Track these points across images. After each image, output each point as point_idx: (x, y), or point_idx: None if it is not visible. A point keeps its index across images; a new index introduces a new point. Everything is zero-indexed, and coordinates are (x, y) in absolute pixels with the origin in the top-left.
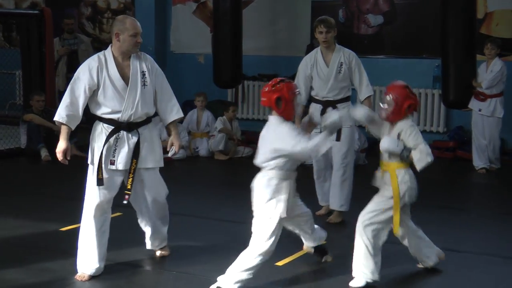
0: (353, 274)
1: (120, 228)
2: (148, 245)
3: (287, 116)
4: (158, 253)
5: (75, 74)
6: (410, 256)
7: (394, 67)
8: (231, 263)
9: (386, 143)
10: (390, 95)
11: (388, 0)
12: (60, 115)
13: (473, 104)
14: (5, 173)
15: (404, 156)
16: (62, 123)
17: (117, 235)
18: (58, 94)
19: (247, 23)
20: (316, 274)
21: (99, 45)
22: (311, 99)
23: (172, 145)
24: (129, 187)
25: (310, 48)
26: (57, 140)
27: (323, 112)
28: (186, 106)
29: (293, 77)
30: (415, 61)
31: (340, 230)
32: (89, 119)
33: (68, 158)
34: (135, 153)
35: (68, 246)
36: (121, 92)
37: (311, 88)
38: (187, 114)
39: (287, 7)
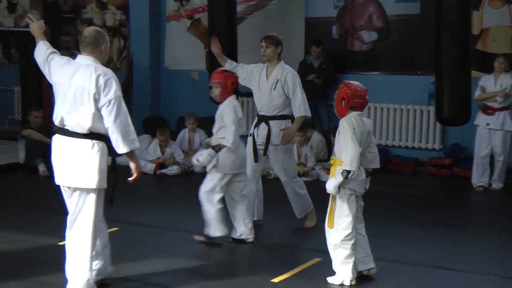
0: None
1: (118, 242)
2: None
3: None
4: None
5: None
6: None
7: (389, 83)
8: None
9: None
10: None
11: (382, 17)
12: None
13: (480, 119)
14: (4, 187)
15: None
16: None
17: (115, 250)
18: None
19: (241, 39)
20: None
21: None
22: None
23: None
24: None
25: (302, 64)
26: None
27: (256, 125)
28: (181, 123)
29: None
30: (409, 78)
31: None
32: None
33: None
34: None
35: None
36: None
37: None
38: (179, 133)
39: (281, 23)
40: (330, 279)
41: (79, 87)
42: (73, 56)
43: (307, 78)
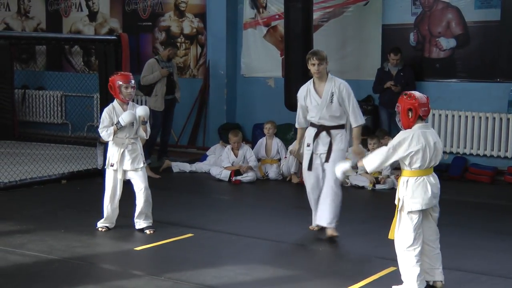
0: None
1: (192, 248)
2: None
3: None
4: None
5: None
6: None
7: (467, 91)
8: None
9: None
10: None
11: (461, 24)
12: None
13: None
14: (82, 192)
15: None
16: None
17: (189, 256)
18: (151, 114)
19: (317, 46)
20: None
21: None
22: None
23: None
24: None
25: (381, 71)
26: None
27: (316, 135)
28: (257, 130)
29: (364, 101)
30: (489, 85)
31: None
32: None
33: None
34: None
35: (142, 265)
36: None
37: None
38: (257, 142)
39: (358, 31)
40: None
41: None
42: (170, 62)
43: (385, 86)
